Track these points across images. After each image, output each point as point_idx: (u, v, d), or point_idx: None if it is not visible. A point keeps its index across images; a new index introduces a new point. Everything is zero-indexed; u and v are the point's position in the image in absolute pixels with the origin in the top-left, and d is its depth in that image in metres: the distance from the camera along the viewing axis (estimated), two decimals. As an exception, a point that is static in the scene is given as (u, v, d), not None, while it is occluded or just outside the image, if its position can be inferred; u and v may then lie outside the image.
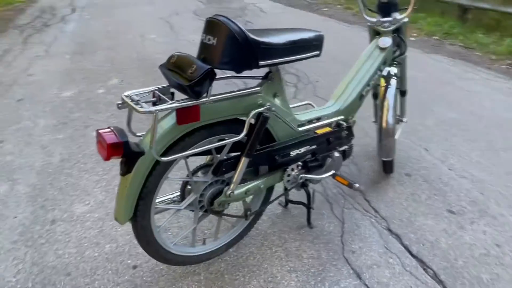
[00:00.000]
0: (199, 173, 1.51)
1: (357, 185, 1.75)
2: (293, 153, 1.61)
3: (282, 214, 2.01)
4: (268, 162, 1.56)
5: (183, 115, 1.20)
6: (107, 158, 1.14)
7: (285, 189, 1.74)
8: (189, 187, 1.48)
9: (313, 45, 1.46)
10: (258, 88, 1.42)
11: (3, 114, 3.16)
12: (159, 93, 1.28)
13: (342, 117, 1.79)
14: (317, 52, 1.49)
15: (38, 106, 3.27)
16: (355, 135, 1.91)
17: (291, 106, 1.60)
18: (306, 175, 1.71)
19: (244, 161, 1.43)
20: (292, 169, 1.67)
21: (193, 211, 1.53)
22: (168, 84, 1.30)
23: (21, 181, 2.28)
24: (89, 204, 2.07)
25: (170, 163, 1.31)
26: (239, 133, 1.35)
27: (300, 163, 1.68)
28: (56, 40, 5.33)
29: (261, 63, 1.29)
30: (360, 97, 1.87)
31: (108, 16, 6.79)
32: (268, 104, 1.42)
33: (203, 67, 1.16)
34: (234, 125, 1.41)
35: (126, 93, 1.22)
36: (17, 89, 3.69)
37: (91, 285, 1.55)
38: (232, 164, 1.44)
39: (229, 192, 1.45)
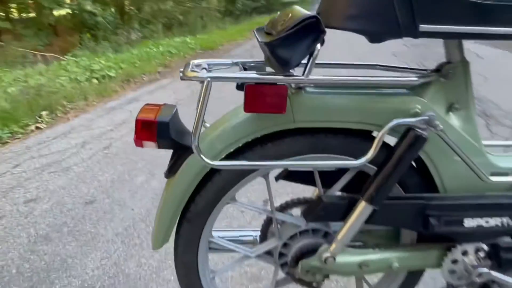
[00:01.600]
0: (293, 211, 0.96)
1: None
2: (471, 221, 0.86)
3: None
4: (413, 223, 0.86)
5: (256, 96, 0.70)
6: (135, 140, 0.76)
7: (448, 286, 0.97)
8: (276, 227, 0.95)
9: None
10: (415, 80, 0.79)
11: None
12: (244, 67, 0.84)
13: None
14: None
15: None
16: None
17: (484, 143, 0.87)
18: (492, 273, 0.90)
19: (362, 209, 0.80)
20: (465, 252, 0.91)
21: (272, 265, 0.98)
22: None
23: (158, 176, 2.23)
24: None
25: (236, 176, 0.83)
26: (359, 157, 0.76)
27: (483, 245, 0.90)
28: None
29: (424, 27, 0.67)
30: None
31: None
32: (430, 113, 0.76)
33: (303, 15, 0.65)
34: (355, 141, 0.81)
35: (196, 61, 0.82)
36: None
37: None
38: (343, 209, 0.83)
39: (326, 255, 0.84)
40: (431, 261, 0.93)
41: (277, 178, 0.98)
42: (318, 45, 0.69)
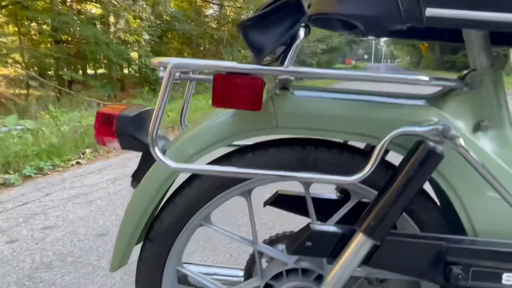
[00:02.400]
0: (281, 246, 0.80)
1: None
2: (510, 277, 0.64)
3: None
4: (429, 272, 0.65)
5: (226, 88, 0.60)
6: (96, 137, 0.68)
7: None
8: (259, 262, 0.78)
9: None
10: (434, 94, 0.64)
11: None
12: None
13: None
14: None
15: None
16: None
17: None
18: None
19: (359, 243, 0.63)
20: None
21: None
22: None
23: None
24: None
25: (210, 191, 0.70)
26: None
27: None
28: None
29: (431, 11, 0.55)
30: None
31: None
32: (446, 122, 0.60)
33: (283, -5, 0.56)
34: (354, 158, 0.67)
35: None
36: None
37: None
38: (335, 242, 0.66)
39: (314, 302, 0.66)
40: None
41: (265, 203, 0.83)
42: (302, 32, 0.59)
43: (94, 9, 9.86)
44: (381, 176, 0.64)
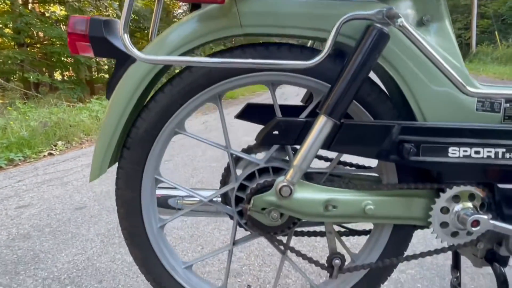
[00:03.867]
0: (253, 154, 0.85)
1: None
2: (457, 151, 0.72)
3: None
4: (384, 150, 0.73)
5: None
6: (69, 45, 0.71)
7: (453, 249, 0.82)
8: (233, 165, 0.83)
9: None
10: None
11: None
12: None
13: None
14: None
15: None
16: None
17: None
18: (492, 221, 0.73)
19: (321, 124, 0.69)
20: (457, 197, 0.75)
21: (231, 217, 0.85)
22: None
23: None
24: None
25: (183, 95, 0.75)
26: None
27: (481, 187, 0.75)
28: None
29: None
30: None
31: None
32: (389, 6, 0.67)
33: None
34: (314, 54, 0.73)
35: None
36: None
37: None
38: (299, 129, 0.72)
39: (281, 185, 0.72)
40: (416, 211, 0.77)
41: (236, 116, 0.89)
42: None
43: (58, 11, 9.61)
44: (336, 70, 0.70)
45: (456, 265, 0.97)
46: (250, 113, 0.89)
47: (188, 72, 0.74)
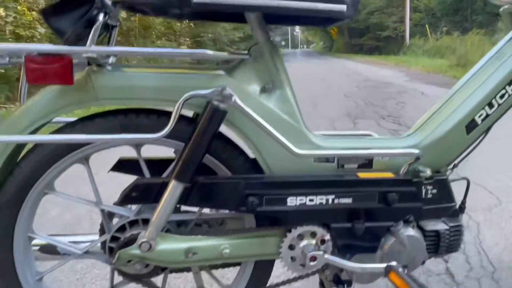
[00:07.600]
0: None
1: None
2: (294, 200, 0.85)
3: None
4: (232, 203, 0.84)
5: (36, 67, 0.70)
6: None
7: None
8: (106, 219, 0.90)
9: None
10: (231, 65, 0.81)
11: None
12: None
13: (424, 159, 0.91)
14: (342, 8, 0.77)
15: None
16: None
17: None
18: (326, 256, 0.88)
19: (172, 187, 0.78)
20: (301, 236, 0.89)
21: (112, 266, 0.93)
22: None
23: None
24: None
25: (47, 160, 0.80)
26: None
27: (321, 226, 0.89)
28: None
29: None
30: (470, 126, 0.94)
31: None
32: (224, 85, 0.77)
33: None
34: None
35: None
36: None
37: None
38: (156, 190, 0.81)
39: (142, 241, 0.80)
40: (269, 249, 0.90)
41: (110, 170, 0.95)
42: (101, 16, 0.71)
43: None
44: (185, 132, 0.79)
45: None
46: (122, 166, 0.96)
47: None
